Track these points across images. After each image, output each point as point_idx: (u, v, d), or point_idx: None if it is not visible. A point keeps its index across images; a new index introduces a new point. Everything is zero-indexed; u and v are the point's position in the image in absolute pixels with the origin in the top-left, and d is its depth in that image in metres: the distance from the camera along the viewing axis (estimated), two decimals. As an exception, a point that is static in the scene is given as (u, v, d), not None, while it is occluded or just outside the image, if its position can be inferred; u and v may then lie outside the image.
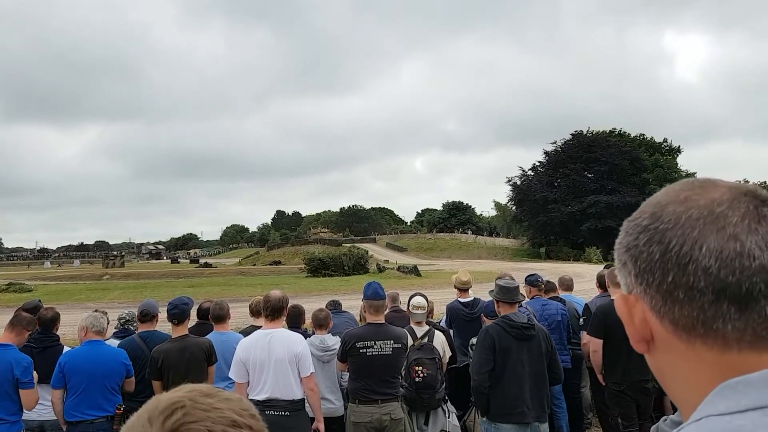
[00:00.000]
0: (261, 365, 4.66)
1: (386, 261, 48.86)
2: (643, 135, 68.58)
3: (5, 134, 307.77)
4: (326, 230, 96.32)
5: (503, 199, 70.57)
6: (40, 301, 6.64)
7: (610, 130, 66.12)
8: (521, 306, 5.31)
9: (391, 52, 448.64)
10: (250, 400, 4.64)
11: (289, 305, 5.00)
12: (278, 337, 4.75)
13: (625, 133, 67.36)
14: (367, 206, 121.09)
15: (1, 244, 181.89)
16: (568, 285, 7.87)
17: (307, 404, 4.83)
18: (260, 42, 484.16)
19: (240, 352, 4.78)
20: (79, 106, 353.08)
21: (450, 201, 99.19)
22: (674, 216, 0.72)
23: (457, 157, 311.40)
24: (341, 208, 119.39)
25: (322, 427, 4.88)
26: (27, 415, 5.02)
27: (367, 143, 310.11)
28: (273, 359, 4.65)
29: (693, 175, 62.25)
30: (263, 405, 4.63)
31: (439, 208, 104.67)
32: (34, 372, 4.88)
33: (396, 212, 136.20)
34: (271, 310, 4.84)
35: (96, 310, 6.14)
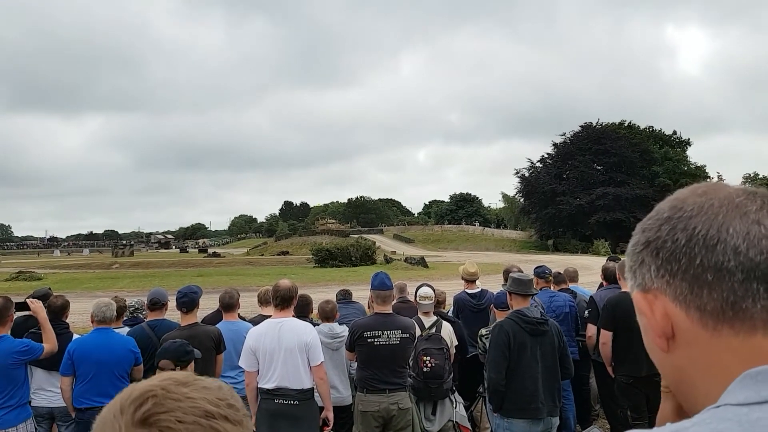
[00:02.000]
0: (271, 354, 4.67)
1: (393, 252, 48.91)
2: (652, 127, 68.17)
3: (10, 125, 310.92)
4: (334, 221, 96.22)
5: (508, 191, 70.54)
6: (50, 288, 6.68)
7: (619, 122, 65.78)
8: (531, 298, 5.29)
9: (388, 44, 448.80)
10: (260, 388, 4.67)
11: (297, 294, 5.00)
12: (288, 325, 4.75)
13: (634, 125, 66.95)
14: (372, 197, 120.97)
15: (11, 232, 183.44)
16: (572, 276, 7.86)
17: (316, 393, 4.85)
18: (258, 35, 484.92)
19: (250, 340, 4.79)
20: (80, 97, 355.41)
21: (458, 193, 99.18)
22: (696, 205, 0.74)
23: (459, 149, 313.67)
24: (349, 199, 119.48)
25: (331, 416, 4.89)
26: (36, 402, 5.08)
27: (369, 135, 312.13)
28: (283, 348, 4.65)
29: (703, 168, 62.03)
30: (272, 394, 4.65)
31: (447, 199, 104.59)
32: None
33: (403, 204, 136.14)
34: (281, 299, 4.85)
35: (115, 297, 6.20)
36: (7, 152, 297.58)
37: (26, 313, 5.32)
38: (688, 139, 68.29)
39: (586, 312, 6.46)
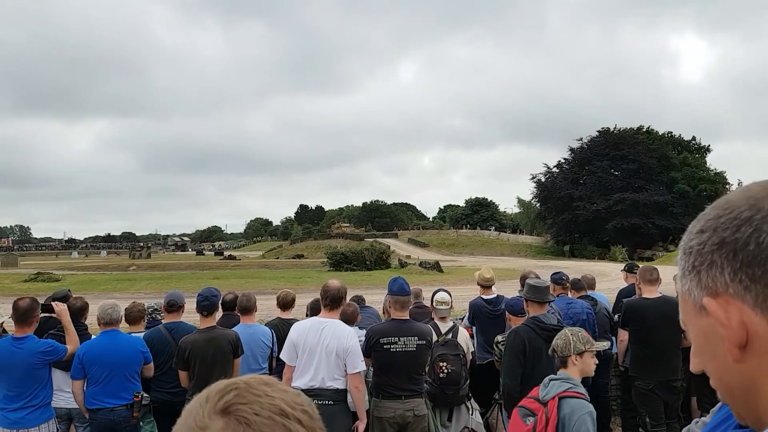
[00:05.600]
0: (311, 352, 4.65)
1: (408, 256, 48.79)
2: (671, 132, 67.62)
3: (18, 128, 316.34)
4: (348, 225, 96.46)
5: (514, 195, 70.28)
6: (69, 290, 6.75)
7: (637, 128, 65.20)
8: (548, 305, 5.27)
9: (383, 51, 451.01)
10: (293, 386, 4.67)
11: (346, 295, 4.97)
12: (332, 327, 4.73)
13: (652, 130, 66.36)
14: (385, 201, 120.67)
15: (30, 233, 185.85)
16: (590, 284, 7.81)
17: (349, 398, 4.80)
18: (256, 40, 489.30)
19: (292, 334, 4.79)
20: (84, 102, 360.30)
21: (473, 197, 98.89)
22: None
23: (462, 153, 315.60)
24: (363, 203, 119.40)
25: (362, 427, 4.79)
26: (54, 403, 5.13)
27: (372, 140, 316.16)
28: (322, 348, 4.64)
29: (722, 174, 61.33)
30: (307, 393, 4.62)
31: (456, 203, 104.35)
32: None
33: (417, 208, 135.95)
34: (331, 300, 4.84)
35: (133, 302, 6.28)
36: (18, 155, 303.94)
37: (48, 314, 5.39)
38: (708, 145, 67.72)
39: (616, 316, 6.59)
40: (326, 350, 4.63)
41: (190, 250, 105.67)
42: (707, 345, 0.73)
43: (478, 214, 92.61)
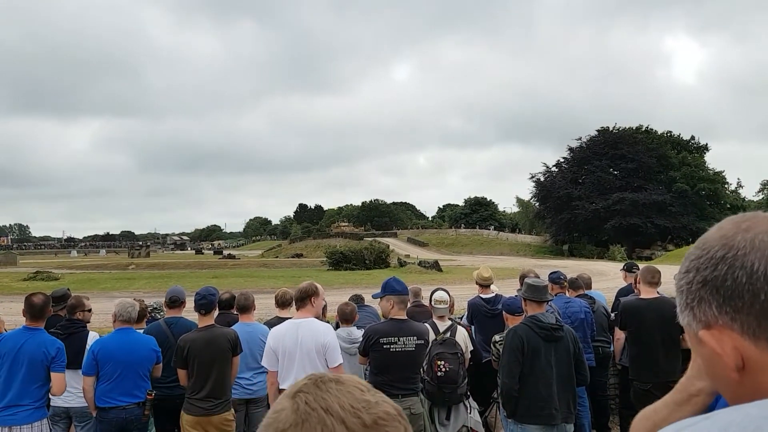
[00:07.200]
0: (291, 354, 4.66)
1: (407, 256, 48.79)
2: (670, 132, 67.65)
3: (14, 127, 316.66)
4: (347, 224, 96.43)
5: (511, 194, 70.44)
6: (68, 289, 6.76)
7: (636, 127, 65.25)
8: (547, 304, 5.26)
9: (375, 53, 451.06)
10: (279, 390, 4.68)
11: (315, 294, 4.98)
12: (307, 326, 4.75)
13: (651, 130, 66.42)
14: (380, 201, 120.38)
15: (29, 232, 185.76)
16: (587, 283, 7.83)
17: None
18: (249, 42, 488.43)
19: (271, 340, 4.81)
20: (80, 102, 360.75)
21: (472, 197, 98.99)
22: (747, 242, 0.79)
23: (457, 153, 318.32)
24: (363, 203, 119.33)
25: None
26: (53, 402, 5.11)
27: (368, 140, 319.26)
28: (301, 349, 4.66)
29: (720, 173, 61.39)
30: None
31: (455, 202, 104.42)
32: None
33: (417, 207, 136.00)
34: (296, 299, 4.91)
35: (140, 300, 6.29)
36: (16, 154, 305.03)
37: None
38: (706, 144, 67.72)
39: (613, 314, 6.66)
40: (305, 350, 4.66)
41: (189, 249, 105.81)
42: (712, 370, 0.84)
43: (477, 213, 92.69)
